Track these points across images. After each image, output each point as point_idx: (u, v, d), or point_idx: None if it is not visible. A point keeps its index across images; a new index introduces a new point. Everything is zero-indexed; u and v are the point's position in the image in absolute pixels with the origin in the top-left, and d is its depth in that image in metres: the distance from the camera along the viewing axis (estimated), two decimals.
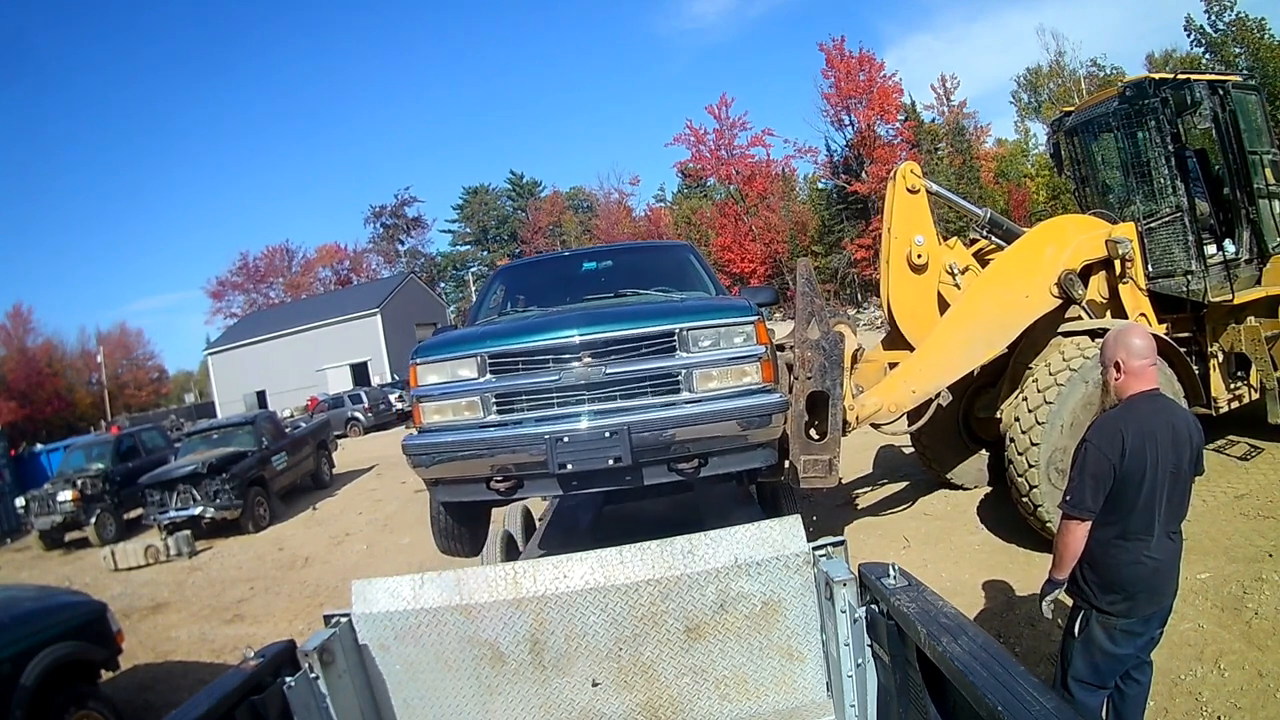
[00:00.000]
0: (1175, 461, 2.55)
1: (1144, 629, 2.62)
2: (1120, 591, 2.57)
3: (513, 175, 58.16)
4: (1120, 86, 5.95)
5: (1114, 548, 2.57)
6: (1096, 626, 2.61)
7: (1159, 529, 2.56)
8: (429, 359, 3.54)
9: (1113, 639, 2.59)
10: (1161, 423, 2.57)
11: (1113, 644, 2.59)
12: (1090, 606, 2.63)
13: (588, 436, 3.21)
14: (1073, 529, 2.59)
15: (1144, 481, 2.51)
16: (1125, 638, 2.59)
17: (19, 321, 44.33)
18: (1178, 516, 2.64)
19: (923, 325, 5.26)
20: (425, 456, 3.42)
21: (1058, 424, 4.65)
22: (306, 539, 10.25)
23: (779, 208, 43.73)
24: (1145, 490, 2.52)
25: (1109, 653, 2.61)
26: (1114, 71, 37.58)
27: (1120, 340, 2.68)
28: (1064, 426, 4.64)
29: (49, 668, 4.06)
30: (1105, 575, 2.59)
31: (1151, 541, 2.55)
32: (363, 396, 27.30)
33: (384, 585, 2.40)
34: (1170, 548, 2.61)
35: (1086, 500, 2.55)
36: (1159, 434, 2.54)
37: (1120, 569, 2.56)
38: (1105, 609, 2.59)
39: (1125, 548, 2.56)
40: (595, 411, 3.31)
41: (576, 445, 3.21)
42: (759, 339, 3.44)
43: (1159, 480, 2.53)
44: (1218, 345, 5.62)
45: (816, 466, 4.26)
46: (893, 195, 5.33)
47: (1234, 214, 5.74)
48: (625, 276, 4.70)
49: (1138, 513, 2.54)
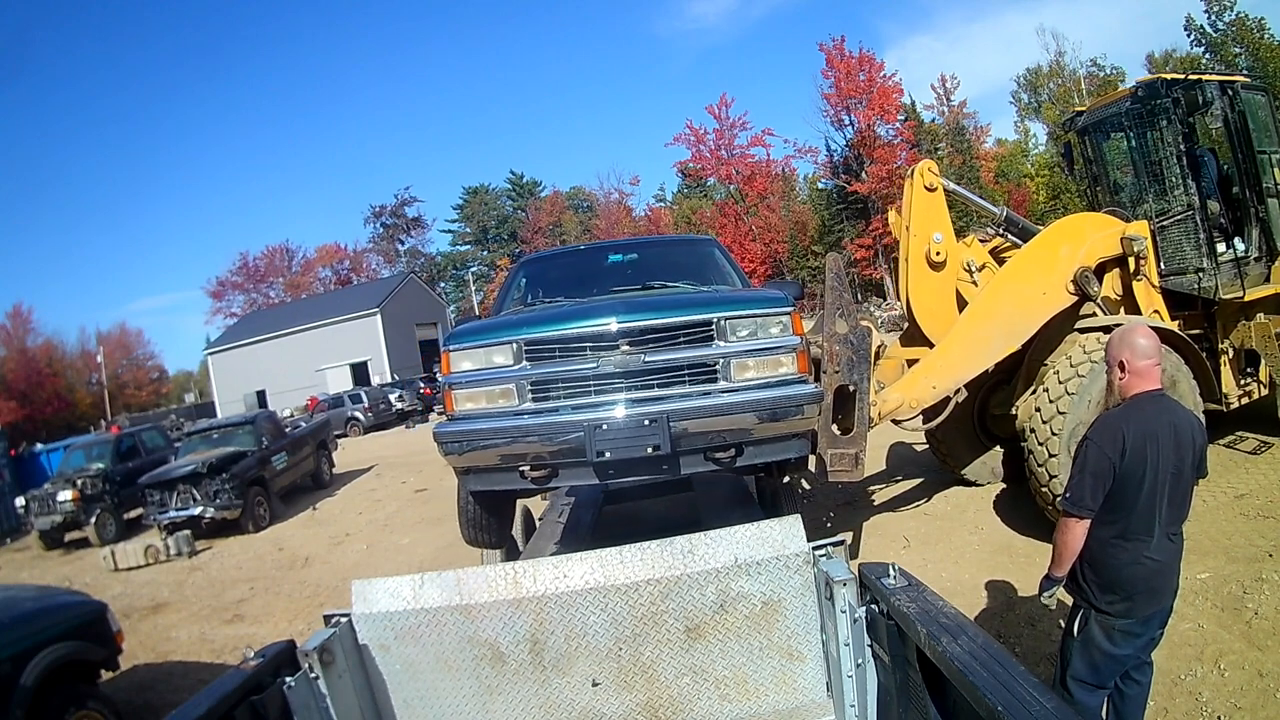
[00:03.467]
0: (1177, 462, 2.55)
1: (1143, 630, 2.61)
2: (1119, 592, 2.56)
3: (513, 175, 58.27)
4: (1133, 86, 6.02)
5: (1114, 547, 2.57)
6: (1095, 626, 2.61)
7: (1159, 529, 2.55)
8: (463, 345, 3.50)
9: (1111, 639, 2.59)
10: (1164, 423, 2.56)
11: (1111, 644, 2.59)
12: (1090, 606, 2.62)
13: (626, 425, 3.19)
14: (1071, 527, 2.59)
15: (1144, 481, 2.51)
16: (1124, 638, 2.59)
17: (19, 321, 44.34)
18: (1179, 517, 2.63)
19: (941, 322, 5.32)
20: (457, 444, 3.39)
21: (1084, 403, 4.69)
22: (306, 539, 10.24)
23: (779, 208, 43.73)
24: (1146, 490, 2.52)
25: (1108, 653, 2.61)
26: (1114, 71, 37.64)
27: (1125, 340, 2.67)
28: (1091, 403, 4.68)
29: (49, 668, 4.05)
30: (1105, 575, 2.59)
31: (1152, 542, 2.55)
32: (363, 396, 27.32)
33: (384, 585, 2.40)
34: (1170, 549, 2.60)
35: (1086, 498, 2.54)
36: (1161, 434, 2.53)
37: (1120, 569, 2.56)
38: (1104, 609, 2.59)
39: (1125, 548, 2.55)
40: (632, 400, 3.28)
41: (615, 433, 3.18)
42: (795, 330, 3.44)
43: (1160, 480, 2.52)
44: (1228, 342, 5.70)
45: (843, 460, 4.30)
46: (910, 193, 5.36)
47: (1244, 212, 5.79)
48: (651, 269, 4.70)
49: (1138, 512, 2.54)
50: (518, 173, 58.20)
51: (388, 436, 23.87)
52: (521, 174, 58.12)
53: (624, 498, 5.01)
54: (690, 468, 3.43)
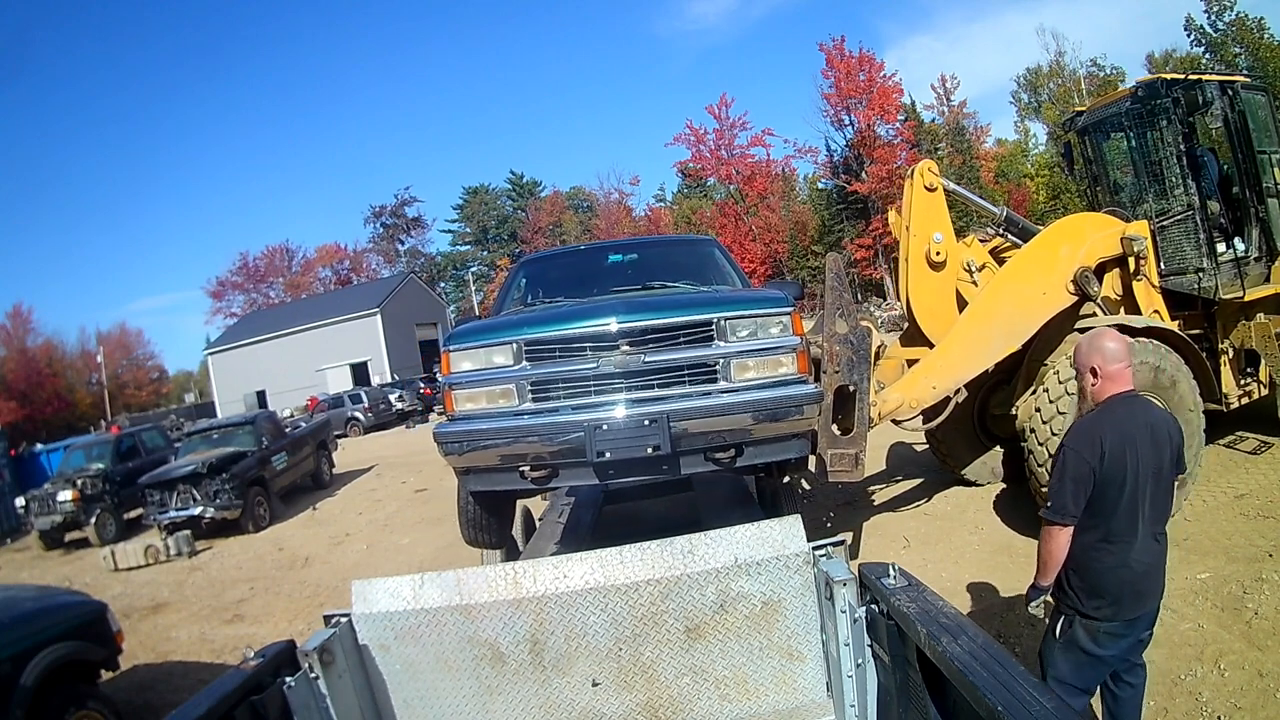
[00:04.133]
0: (1156, 461, 2.54)
1: (1128, 631, 2.59)
2: (1105, 596, 2.55)
3: (513, 175, 58.26)
4: (1133, 87, 6.02)
5: (1098, 551, 2.56)
6: (1079, 628, 2.60)
7: (1143, 530, 2.54)
8: (463, 345, 3.50)
9: (1096, 640, 2.57)
10: (1140, 423, 2.56)
11: (1095, 645, 2.58)
12: (1075, 613, 2.60)
13: (626, 425, 3.19)
14: (1055, 535, 2.57)
15: (1125, 483, 2.50)
16: (1109, 639, 2.58)
17: (19, 321, 44.35)
18: (1162, 517, 2.63)
19: (941, 322, 5.32)
20: (457, 444, 3.39)
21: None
22: (306, 539, 10.24)
23: (779, 207, 43.73)
24: (1127, 492, 2.51)
25: (1091, 654, 2.59)
26: (1114, 71, 37.64)
27: (1094, 345, 2.67)
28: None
29: (49, 668, 4.05)
30: (1090, 580, 2.57)
31: (1136, 544, 2.53)
32: (363, 396, 27.31)
33: (384, 585, 2.39)
34: (1156, 550, 2.59)
35: (1068, 505, 2.53)
36: (1138, 435, 2.53)
37: (1105, 574, 2.55)
38: (1090, 614, 2.57)
39: (1110, 551, 2.54)
40: (632, 400, 3.29)
41: (615, 433, 3.18)
42: (795, 330, 3.45)
43: (1141, 481, 2.52)
44: (1228, 342, 5.70)
45: (843, 460, 4.30)
46: (911, 193, 5.37)
47: (1244, 212, 5.80)
48: (652, 269, 4.70)
49: (1120, 515, 2.53)
50: (518, 173, 58.29)
51: (388, 436, 23.87)
52: (521, 174, 58.22)
53: (624, 498, 5.01)
54: (690, 468, 3.43)
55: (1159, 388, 4.87)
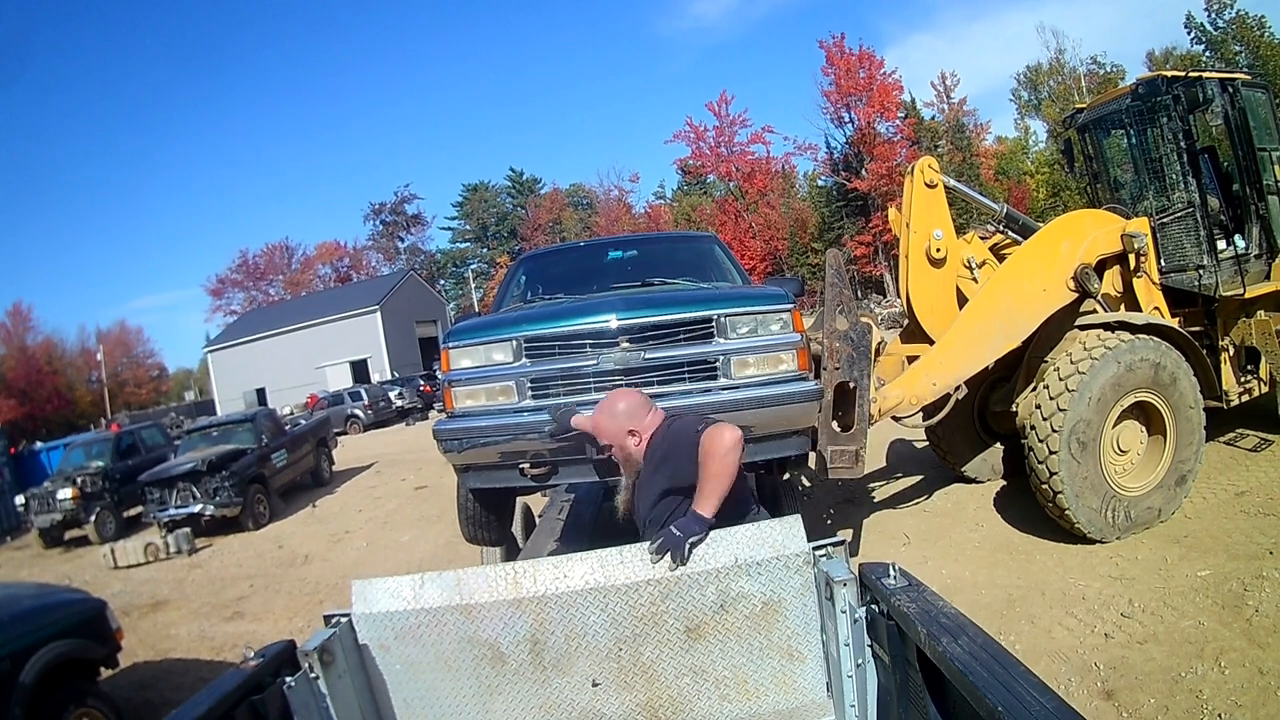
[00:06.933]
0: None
1: None
2: None
3: (513, 172, 58.25)
4: (1133, 84, 6.02)
5: None
6: None
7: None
8: (463, 343, 3.50)
9: None
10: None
11: None
12: None
13: None
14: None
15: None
16: None
17: (19, 319, 44.37)
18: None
19: (941, 319, 5.32)
20: (457, 441, 3.39)
21: (1084, 399, 4.70)
22: (306, 536, 10.25)
23: (779, 205, 43.68)
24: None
25: None
26: (1114, 69, 37.59)
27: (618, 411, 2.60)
28: (1091, 401, 4.70)
29: (48, 665, 4.05)
30: None
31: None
32: (363, 394, 27.29)
33: (384, 585, 2.39)
34: None
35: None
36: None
37: None
38: None
39: None
40: None
41: None
42: (795, 326, 3.44)
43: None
44: (1228, 339, 5.70)
45: (843, 457, 4.29)
46: (911, 190, 5.35)
47: (1244, 210, 5.80)
48: (652, 266, 4.68)
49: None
50: (517, 170, 58.30)
51: (388, 434, 23.87)
52: (521, 171, 58.22)
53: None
54: None
55: (1159, 385, 4.88)
